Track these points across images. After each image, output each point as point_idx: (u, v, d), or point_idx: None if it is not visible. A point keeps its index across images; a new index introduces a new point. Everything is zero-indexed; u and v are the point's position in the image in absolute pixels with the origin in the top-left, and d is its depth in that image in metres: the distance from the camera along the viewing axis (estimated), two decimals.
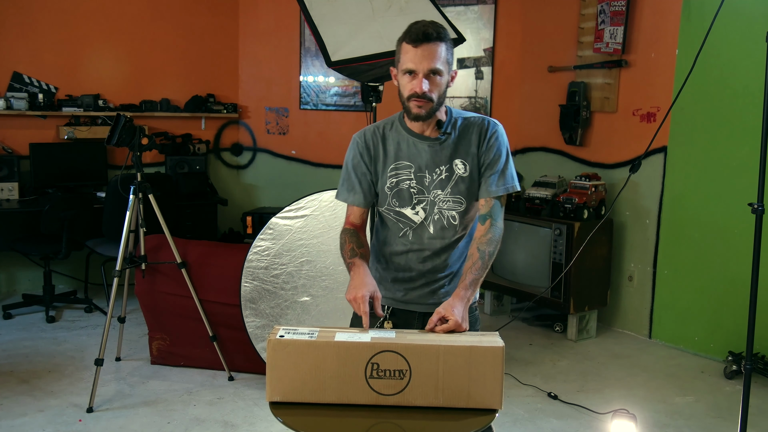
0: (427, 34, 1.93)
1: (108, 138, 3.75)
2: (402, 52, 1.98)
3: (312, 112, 6.27)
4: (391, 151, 2.09)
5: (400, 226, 2.10)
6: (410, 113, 2.00)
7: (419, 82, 1.94)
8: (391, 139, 2.10)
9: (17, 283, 5.64)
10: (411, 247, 2.10)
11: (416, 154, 2.07)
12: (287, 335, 1.76)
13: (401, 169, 2.08)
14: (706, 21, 4.27)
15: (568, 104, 5.18)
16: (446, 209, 2.07)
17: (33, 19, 5.47)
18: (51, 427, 3.34)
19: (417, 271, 2.12)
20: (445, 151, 2.06)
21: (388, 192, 2.09)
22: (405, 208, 2.08)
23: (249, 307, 3.67)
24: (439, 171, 2.06)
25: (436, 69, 1.94)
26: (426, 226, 2.08)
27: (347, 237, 2.11)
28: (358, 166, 2.12)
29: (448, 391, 1.74)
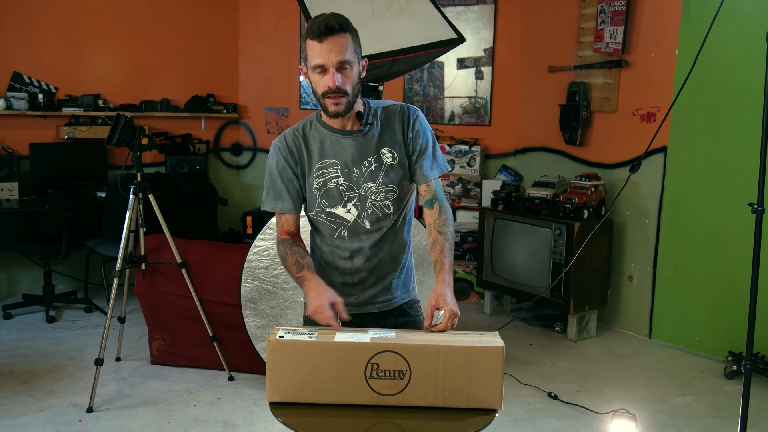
0: (329, 27, 1.87)
1: (108, 138, 3.75)
2: (308, 49, 1.91)
3: (312, 112, 6.26)
4: (314, 151, 2.02)
5: (334, 227, 2.03)
6: (328, 111, 1.94)
7: (331, 77, 1.88)
8: (312, 139, 2.03)
9: (17, 283, 5.64)
10: (351, 248, 2.03)
11: (341, 150, 2.00)
12: (287, 335, 1.76)
13: (327, 167, 2.00)
14: (706, 21, 4.27)
15: (568, 104, 5.18)
16: (379, 200, 2.01)
17: (33, 19, 5.47)
18: (51, 427, 3.34)
19: (366, 271, 2.06)
20: (371, 141, 2.01)
21: (316, 193, 2.01)
22: (336, 207, 2.01)
23: (249, 307, 3.67)
24: (367, 163, 1.99)
25: (345, 60, 1.88)
26: (360, 223, 2.01)
27: (287, 249, 2.03)
28: (283, 171, 2.03)
29: (448, 391, 1.74)
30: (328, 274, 2.09)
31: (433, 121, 5.94)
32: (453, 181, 5.67)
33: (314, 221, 2.07)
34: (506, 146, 5.83)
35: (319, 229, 2.08)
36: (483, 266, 5.18)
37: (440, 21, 3.23)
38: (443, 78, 5.89)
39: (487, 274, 5.15)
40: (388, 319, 2.12)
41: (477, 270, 5.33)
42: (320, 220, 2.04)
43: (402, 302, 2.15)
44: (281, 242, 2.06)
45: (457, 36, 3.24)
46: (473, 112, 5.85)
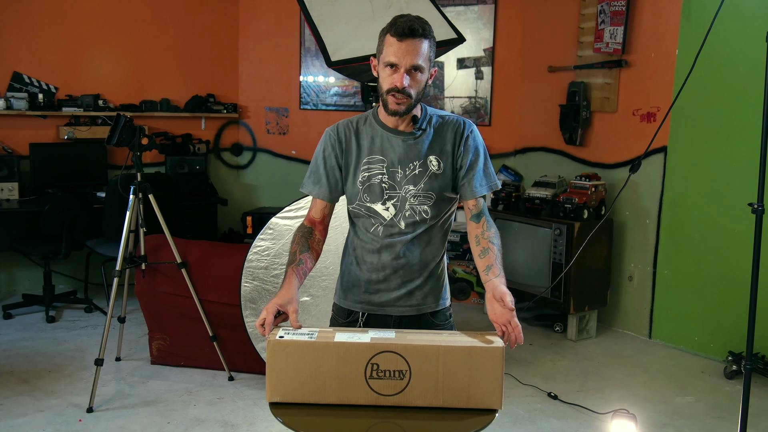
0: (413, 29, 1.89)
1: (108, 138, 3.75)
2: (385, 44, 1.94)
3: (312, 112, 6.27)
4: (364, 146, 2.06)
5: (372, 221, 2.06)
6: (387, 108, 1.97)
7: (400, 77, 1.91)
8: (364, 134, 2.08)
9: (17, 283, 5.64)
10: (382, 243, 2.05)
11: (389, 149, 2.03)
12: (287, 336, 1.76)
13: (374, 163, 2.04)
14: (706, 21, 4.27)
15: (568, 104, 5.18)
16: (417, 204, 2.03)
17: (33, 19, 5.47)
18: (51, 427, 3.34)
19: (391, 269, 2.07)
20: (419, 146, 2.03)
21: (359, 187, 2.04)
22: (376, 203, 2.04)
23: (249, 307, 3.67)
24: (412, 166, 2.02)
25: (418, 65, 1.92)
26: (396, 222, 2.04)
27: (298, 236, 2.07)
28: (328, 159, 2.09)
29: (448, 391, 1.74)
30: (358, 269, 2.11)
31: None
32: None
33: (354, 213, 2.10)
34: (506, 146, 5.83)
35: (356, 222, 2.12)
36: None
37: (440, 21, 3.23)
38: (443, 78, 5.89)
39: None
40: (411, 326, 2.10)
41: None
42: (359, 212, 2.07)
43: (428, 311, 2.13)
44: (300, 227, 2.10)
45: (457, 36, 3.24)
46: (473, 112, 5.85)
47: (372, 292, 2.10)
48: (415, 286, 2.09)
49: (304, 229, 2.08)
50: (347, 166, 2.07)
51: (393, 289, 2.09)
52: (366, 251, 2.09)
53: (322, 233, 2.12)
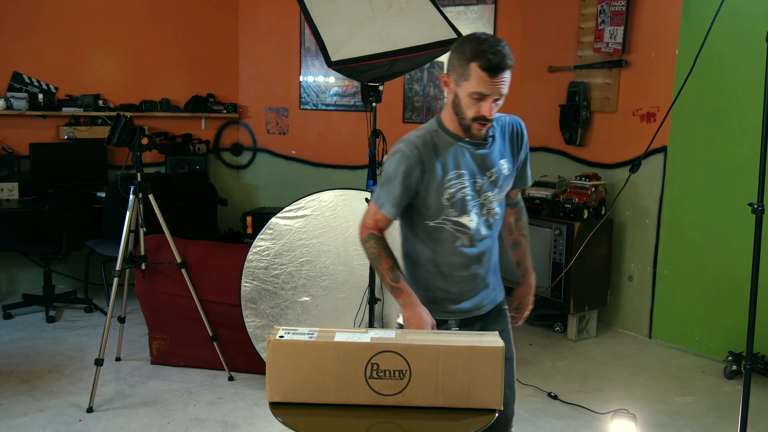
0: (504, 66, 1.91)
1: (108, 138, 3.75)
2: (472, 75, 1.92)
3: (312, 112, 6.27)
4: (447, 162, 2.05)
5: (457, 235, 2.09)
6: (470, 132, 2.01)
7: (489, 108, 1.95)
8: (443, 149, 2.05)
9: (17, 283, 5.64)
10: (471, 254, 2.11)
11: (469, 161, 2.06)
12: (287, 335, 1.76)
13: (458, 177, 2.05)
14: (706, 21, 4.27)
15: (568, 104, 5.18)
16: (493, 208, 2.12)
17: (33, 19, 5.47)
18: (51, 427, 3.34)
19: (480, 277, 2.15)
20: (493, 153, 2.10)
21: (446, 203, 2.05)
22: (463, 216, 2.07)
23: (249, 307, 3.67)
24: (489, 174, 2.09)
25: (502, 96, 1.96)
26: (479, 229, 2.10)
27: (381, 249, 2.08)
28: (407, 179, 2.02)
29: (448, 391, 1.74)
30: (445, 283, 2.13)
31: None
32: None
33: (434, 229, 2.09)
34: None
35: (436, 237, 2.10)
36: None
37: (440, 21, 3.22)
38: None
39: None
40: (491, 318, 2.24)
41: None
42: (445, 227, 2.08)
43: (500, 299, 2.28)
44: (373, 237, 2.09)
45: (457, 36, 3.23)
46: None
47: (463, 301, 2.15)
48: (495, 281, 2.23)
49: (381, 241, 2.09)
50: (428, 185, 2.05)
51: (481, 290, 2.18)
52: (454, 266, 2.11)
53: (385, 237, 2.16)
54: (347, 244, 3.62)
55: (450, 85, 2.01)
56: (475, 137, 2.03)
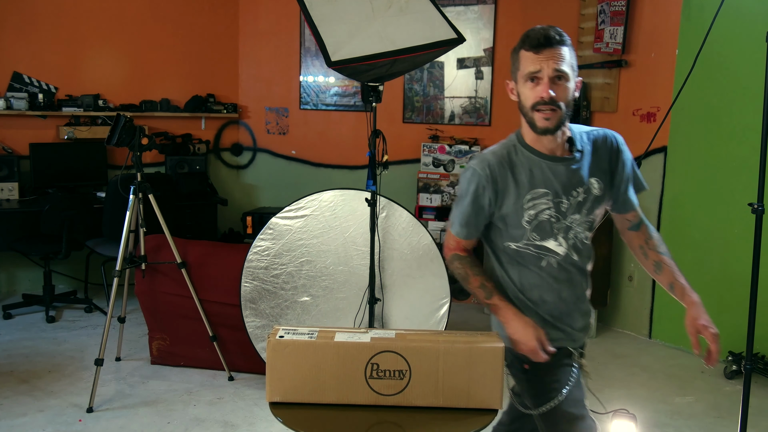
0: (549, 37, 1.77)
1: (108, 138, 3.75)
2: (521, 59, 1.82)
3: (312, 112, 6.27)
4: (523, 180, 1.88)
5: (542, 260, 1.93)
6: (536, 127, 1.83)
7: (545, 87, 1.78)
8: (520, 166, 1.89)
9: (17, 283, 5.64)
10: (561, 281, 1.95)
11: (552, 179, 1.88)
12: (287, 335, 1.76)
13: (539, 198, 1.88)
14: (706, 21, 4.27)
15: None
16: (580, 231, 1.95)
17: (33, 19, 5.47)
18: (51, 427, 3.34)
19: (573, 305, 1.98)
20: (581, 170, 1.91)
21: (526, 226, 1.89)
22: (548, 240, 1.91)
23: (249, 307, 3.67)
24: (576, 193, 1.90)
25: (561, 71, 1.78)
26: (570, 255, 1.94)
27: (467, 268, 1.98)
28: (479, 199, 1.90)
29: (448, 391, 1.73)
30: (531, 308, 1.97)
31: (432, 120, 5.94)
32: (453, 182, 5.67)
33: (517, 253, 1.95)
34: None
35: (520, 262, 1.96)
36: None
37: (440, 21, 3.22)
38: (443, 78, 5.89)
39: None
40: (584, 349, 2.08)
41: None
42: (528, 252, 1.93)
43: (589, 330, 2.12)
44: (456, 257, 2.01)
45: (457, 36, 3.23)
46: (473, 112, 5.85)
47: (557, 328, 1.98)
48: (586, 309, 2.05)
49: (466, 260, 2.00)
50: (505, 205, 1.90)
51: (575, 319, 2.00)
52: (543, 290, 1.95)
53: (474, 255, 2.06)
54: (347, 244, 3.62)
55: (512, 87, 1.89)
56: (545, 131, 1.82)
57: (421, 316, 3.67)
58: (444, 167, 5.69)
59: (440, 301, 3.67)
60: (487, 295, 1.93)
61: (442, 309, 3.67)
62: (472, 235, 1.97)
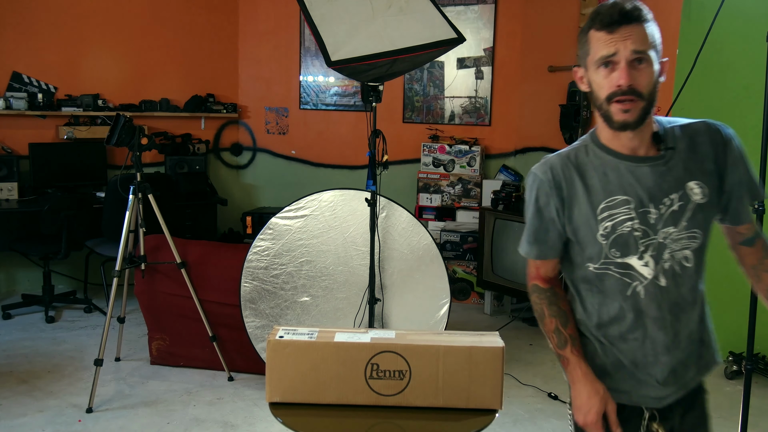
0: (625, 13, 1.45)
1: (108, 138, 3.74)
2: (591, 41, 1.50)
3: (312, 112, 6.27)
4: (595, 185, 1.56)
5: (626, 285, 1.58)
6: (612, 121, 1.51)
7: (622, 72, 1.45)
8: (591, 169, 1.57)
9: (17, 283, 5.63)
10: (649, 316, 1.58)
11: (633, 184, 1.55)
12: (287, 336, 1.76)
13: (617, 207, 1.55)
14: (706, 21, 4.27)
15: (568, 104, 5.18)
16: (678, 249, 1.58)
17: (33, 19, 5.47)
18: (50, 427, 3.33)
19: (663, 350, 1.60)
20: (674, 172, 1.55)
21: (602, 241, 1.56)
22: (630, 257, 1.56)
23: (249, 307, 3.66)
24: (669, 201, 1.55)
25: (642, 52, 1.45)
26: (656, 279, 1.57)
27: (545, 305, 1.69)
28: (545, 210, 1.61)
29: (448, 391, 1.73)
30: (610, 350, 1.64)
31: (432, 120, 5.94)
32: (453, 181, 5.66)
33: (598, 277, 1.61)
34: (506, 146, 5.83)
35: (600, 289, 1.62)
36: (483, 266, 5.17)
37: (440, 21, 3.22)
38: (443, 78, 5.89)
39: (487, 274, 5.14)
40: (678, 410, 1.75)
41: (477, 270, 5.32)
42: (609, 275, 1.59)
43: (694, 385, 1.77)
44: (535, 289, 1.72)
45: (457, 36, 3.23)
46: (473, 112, 5.85)
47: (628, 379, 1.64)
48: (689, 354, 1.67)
49: (546, 294, 1.70)
50: (575, 216, 1.59)
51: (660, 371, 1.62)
52: (625, 326, 1.60)
53: (560, 288, 1.73)
54: (347, 244, 3.62)
55: (581, 75, 1.57)
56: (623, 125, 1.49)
57: (421, 316, 3.67)
58: (444, 167, 5.69)
59: (440, 301, 3.67)
60: (560, 343, 1.64)
61: (442, 309, 3.66)
62: (546, 254, 1.65)
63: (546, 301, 1.69)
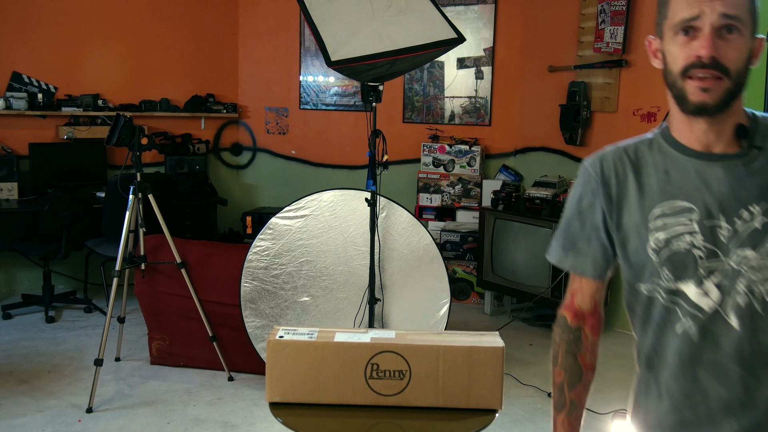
0: None
1: (107, 138, 3.74)
2: (670, 3, 1.19)
3: (312, 112, 6.27)
4: (651, 185, 1.24)
5: (675, 316, 1.23)
6: (687, 101, 1.19)
7: (705, 40, 1.14)
8: (651, 165, 1.25)
9: (17, 283, 5.63)
10: (700, 358, 1.21)
11: (700, 187, 1.20)
12: (287, 336, 1.76)
13: (675, 214, 1.22)
14: None
15: (568, 104, 5.18)
16: (760, 281, 1.17)
17: (32, 19, 5.47)
18: (50, 427, 3.33)
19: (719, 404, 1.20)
20: (758, 177, 1.19)
21: (652, 255, 1.23)
22: (686, 282, 1.21)
23: (249, 307, 3.66)
24: (748, 214, 1.18)
25: (734, 20, 1.15)
26: (723, 316, 1.19)
27: (562, 349, 1.41)
28: (587, 211, 1.33)
29: (448, 391, 1.73)
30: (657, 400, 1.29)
31: (432, 120, 5.94)
32: (453, 181, 5.66)
33: (648, 303, 1.28)
34: (506, 146, 5.83)
35: (650, 320, 1.29)
36: (483, 266, 5.17)
37: (440, 21, 3.22)
38: (443, 78, 5.89)
39: (487, 274, 5.14)
40: None
41: (477, 270, 5.32)
42: (654, 299, 1.26)
43: None
44: (562, 324, 1.44)
45: (457, 36, 3.23)
46: (473, 111, 5.85)
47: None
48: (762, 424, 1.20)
49: (568, 335, 1.42)
50: (624, 223, 1.28)
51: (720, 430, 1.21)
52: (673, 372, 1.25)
53: (594, 330, 1.45)
54: (347, 244, 3.62)
55: (655, 48, 1.25)
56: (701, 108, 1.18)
57: (421, 316, 3.67)
58: (444, 167, 5.69)
59: (440, 301, 3.67)
60: (558, 404, 1.39)
61: (442, 309, 3.66)
62: (584, 268, 1.37)
63: (565, 345, 1.41)
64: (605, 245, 1.32)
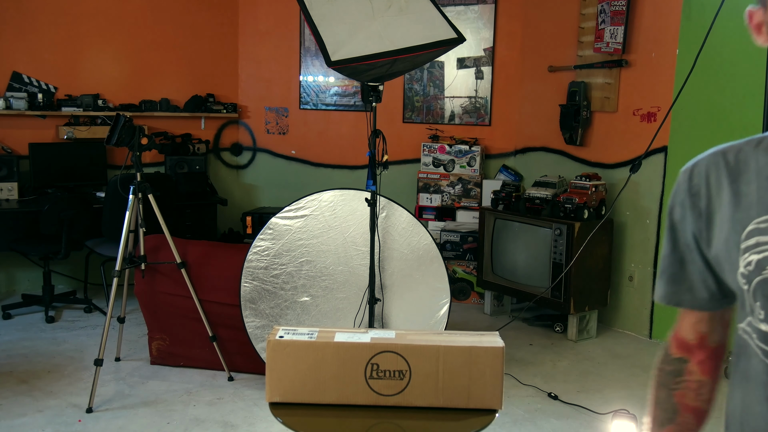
0: None
1: (107, 138, 3.74)
2: None
3: (312, 112, 6.27)
4: (749, 194, 0.98)
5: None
6: None
7: None
8: (753, 170, 0.99)
9: (17, 283, 5.63)
10: None
11: None
12: (287, 336, 1.76)
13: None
14: (706, 21, 4.27)
15: (568, 104, 5.18)
16: None
17: (32, 19, 5.47)
18: (50, 427, 3.33)
19: None
20: None
21: (742, 282, 0.98)
22: None
23: (249, 307, 3.66)
24: None
25: None
26: None
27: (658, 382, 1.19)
28: (679, 230, 1.09)
29: (448, 391, 1.73)
30: None
31: (432, 120, 5.94)
32: (453, 181, 5.66)
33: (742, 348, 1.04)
34: (506, 146, 5.83)
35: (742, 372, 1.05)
36: (483, 266, 5.17)
37: (440, 21, 3.22)
38: (443, 78, 5.89)
39: (487, 274, 5.14)
40: None
41: (477, 270, 5.32)
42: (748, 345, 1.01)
43: None
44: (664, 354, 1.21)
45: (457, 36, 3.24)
46: (473, 111, 5.85)
47: None
48: None
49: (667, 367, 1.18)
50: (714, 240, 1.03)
51: None
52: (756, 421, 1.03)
53: (704, 369, 1.18)
54: (347, 244, 3.62)
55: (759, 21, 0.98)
56: None
57: (421, 316, 3.67)
58: (444, 167, 5.69)
59: (440, 301, 3.67)
60: None
61: (442, 309, 3.66)
62: (681, 298, 1.13)
63: (661, 377, 1.17)
64: (701, 267, 1.07)
